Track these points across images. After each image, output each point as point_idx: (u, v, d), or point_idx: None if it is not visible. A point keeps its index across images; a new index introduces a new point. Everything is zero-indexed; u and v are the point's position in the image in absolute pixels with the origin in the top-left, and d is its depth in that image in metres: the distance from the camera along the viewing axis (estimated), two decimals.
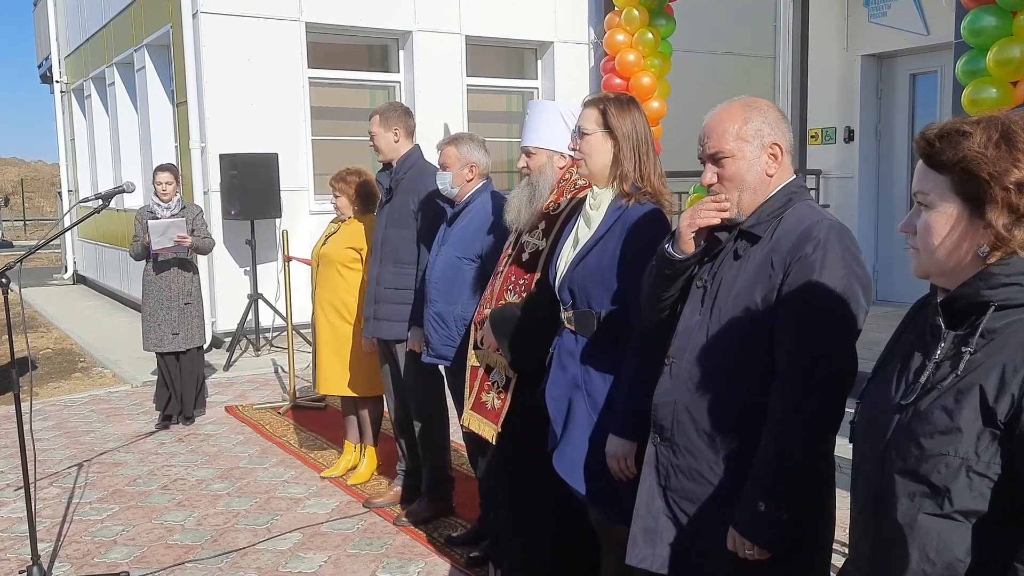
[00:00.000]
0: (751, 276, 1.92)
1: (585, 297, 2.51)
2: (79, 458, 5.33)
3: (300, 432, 5.73)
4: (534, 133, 3.00)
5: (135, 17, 10.11)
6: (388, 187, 4.10)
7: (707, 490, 1.94)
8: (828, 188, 8.60)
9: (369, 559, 3.80)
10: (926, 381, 1.38)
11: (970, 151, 1.32)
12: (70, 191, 14.05)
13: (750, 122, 1.96)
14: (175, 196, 5.76)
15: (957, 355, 1.35)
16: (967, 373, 1.32)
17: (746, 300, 1.91)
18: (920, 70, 8.09)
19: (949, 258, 1.37)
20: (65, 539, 4.11)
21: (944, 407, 1.33)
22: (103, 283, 12.58)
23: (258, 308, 8.18)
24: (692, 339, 1.99)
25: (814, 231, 1.87)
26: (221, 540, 4.05)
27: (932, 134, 1.38)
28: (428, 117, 8.90)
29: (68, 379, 7.61)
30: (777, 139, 1.97)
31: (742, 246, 1.97)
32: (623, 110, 2.51)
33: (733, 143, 1.96)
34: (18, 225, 29.57)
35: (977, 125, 1.35)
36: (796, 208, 1.95)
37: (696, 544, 1.97)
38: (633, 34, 6.75)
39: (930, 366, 1.38)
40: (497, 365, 3.02)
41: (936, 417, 1.33)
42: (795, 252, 1.86)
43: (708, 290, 1.99)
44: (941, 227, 1.37)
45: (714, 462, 1.93)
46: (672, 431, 2.00)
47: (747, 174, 1.96)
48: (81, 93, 13.01)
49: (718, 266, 2.00)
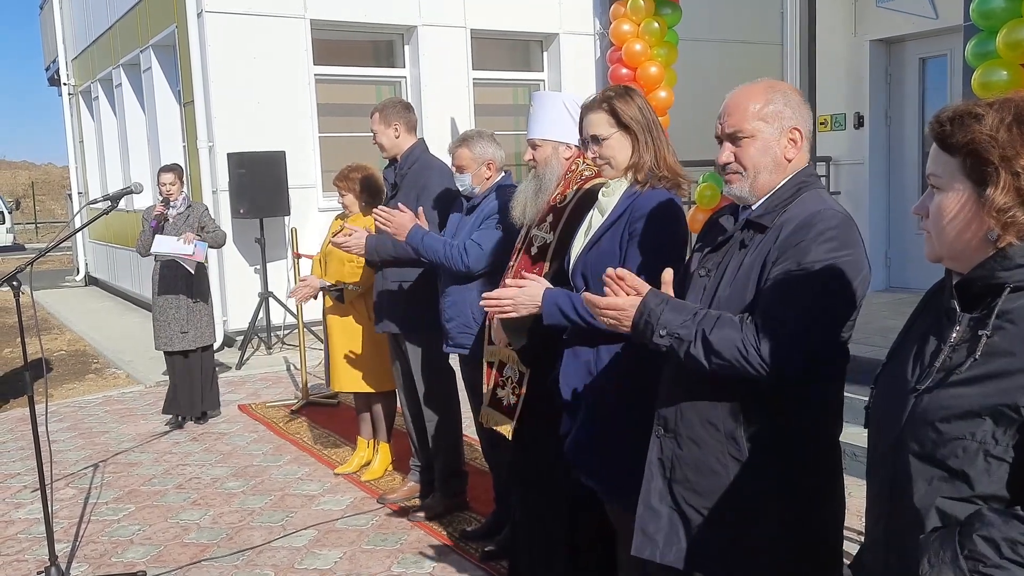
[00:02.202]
0: (750, 265, 1.89)
1: (597, 282, 2.51)
2: (94, 459, 5.36)
3: (313, 429, 5.74)
4: (538, 125, 2.98)
5: (140, 18, 10.13)
6: (393, 182, 4.10)
7: (714, 481, 1.92)
8: (838, 175, 8.54)
9: (384, 554, 3.81)
10: (942, 365, 1.37)
11: (980, 134, 1.31)
12: (80, 193, 14.11)
13: (772, 103, 1.92)
14: (180, 196, 5.78)
15: (973, 338, 1.33)
16: (983, 356, 1.31)
17: (743, 288, 1.89)
18: (930, 54, 8.02)
19: (957, 240, 1.36)
20: (82, 539, 4.14)
21: (961, 391, 1.31)
22: (115, 284, 12.64)
23: (269, 306, 8.20)
24: None
25: (813, 220, 1.83)
26: (237, 538, 4.07)
27: (945, 116, 1.37)
28: (434, 112, 8.90)
29: (82, 380, 7.66)
30: (798, 123, 1.93)
31: (748, 236, 1.94)
32: (628, 102, 2.50)
33: (753, 123, 1.92)
34: (29, 228, 29.77)
35: (991, 107, 1.34)
36: (804, 198, 1.91)
37: (703, 535, 1.95)
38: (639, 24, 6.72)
39: (946, 350, 1.37)
40: (509, 360, 3.01)
41: (953, 401, 1.32)
42: (791, 240, 1.84)
43: (711, 279, 1.97)
44: (951, 210, 1.36)
45: (720, 452, 1.91)
46: (676, 422, 1.98)
47: (764, 156, 1.93)
48: (89, 95, 13.06)
49: (723, 256, 1.97)
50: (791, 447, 1.88)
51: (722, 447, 1.91)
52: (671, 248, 2.43)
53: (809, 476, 1.89)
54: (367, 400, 4.83)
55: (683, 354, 1.85)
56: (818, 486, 1.91)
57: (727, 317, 1.84)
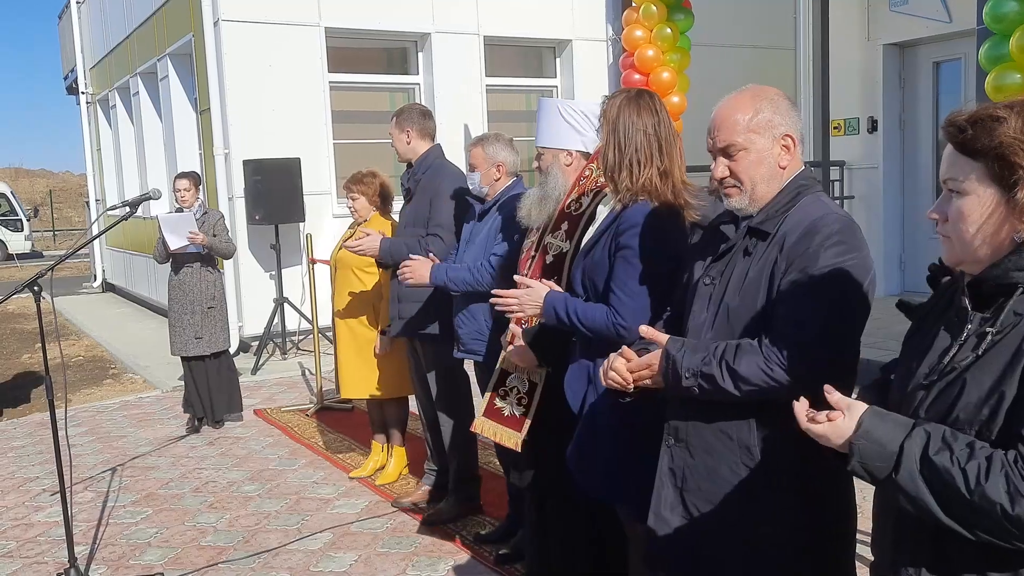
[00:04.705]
0: (757, 274, 1.88)
1: (594, 290, 2.53)
2: (112, 462, 5.41)
3: (328, 434, 5.78)
4: (540, 133, 3.02)
5: (157, 27, 10.24)
6: (407, 188, 4.14)
7: (726, 489, 1.92)
8: (852, 179, 8.52)
9: (399, 557, 3.83)
10: (950, 362, 1.38)
11: (1006, 137, 1.30)
12: (97, 200, 14.24)
13: (761, 113, 1.91)
14: (196, 202, 5.83)
15: (982, 336, 1.34)
16: (992, 353, 1.32)
17: (753, 298, 1.88)
18: (943, 58, 8.00)
19: (985, 245, 1.35)
20: (101, 542, 4.18)
21: (969, 388, 1.33)
22: (132, 290, 12.75)
23: (284, 312, 8.26)
24: (700, 336, 1.96)
25: (817, 226, 1.83)
26: (253, 541, 4.10)
27: (963, 120, 1.36)
28: (448, 118, 8.93)
29: (100, 385, 7.73)
30: (789, 130, 1.93)
31: (752, 243, 1.93)
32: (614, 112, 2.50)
33: (744, 135, 1.91)
34: (47, 235, 30.03)
35: (1011, 110, 1.33)
36: (803, 202, 1.91)
37: (717, 542, 1.95)
38: (651, 29, 6.75)
39: (955, 347, 1.39)
40: (516, 370, 3.02)
41: (958, 398, 1.33)
42: (798, 248, 1.83)
43: (716, 288, 1.96)
44: (976, 214, 1.35)
45: (733, 461, 1.91)
46: (687, 432, 1.98)
47: (760, 167, 1.92)
48: (106, 103, 13.20)
49: (726, 264, 1.96)
50: (804, 452, 1.88)
51: (735, 456, 1.91)
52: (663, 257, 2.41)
53: (823, 480, 1.87)
54: (380, 405, 4.86)
55: (714, 389, 1.86)
56: (832, 490, 1.90)
57: (745, 344, 1.85)
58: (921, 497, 1.29)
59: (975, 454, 1.26)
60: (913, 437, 1.31)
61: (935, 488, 1.28)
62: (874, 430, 1.35)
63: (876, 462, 1.33)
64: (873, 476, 1.35)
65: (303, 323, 8.33)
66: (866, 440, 1.35)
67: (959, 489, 1.25)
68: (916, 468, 1.29)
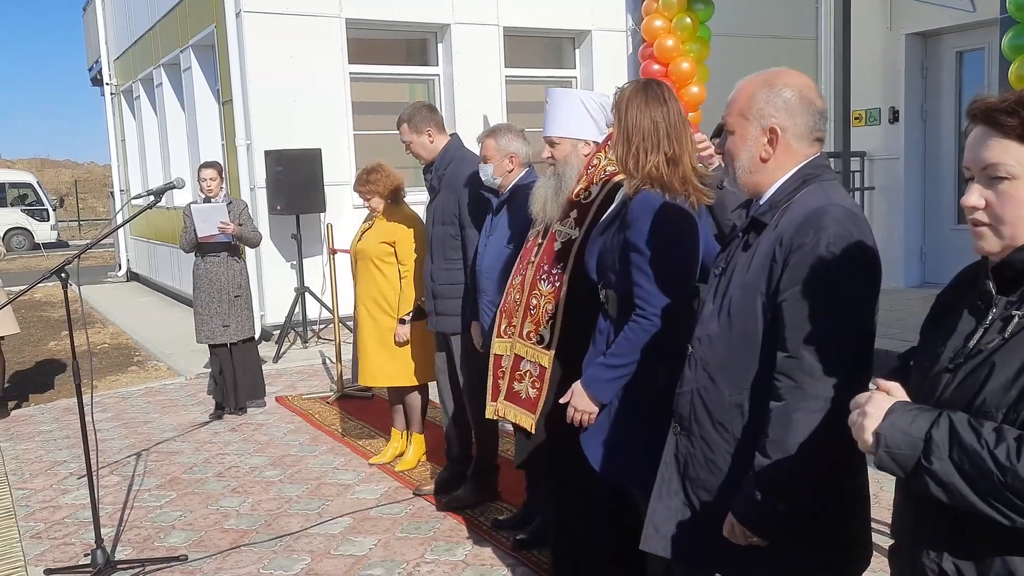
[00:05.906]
0: (757, 268, 1.85)
1: (608, 277, 2.57)
2: (137, 447, 5.52)
3: (348, 421, 5.85)
4: (556, 123, 2.99)
5: (180, 18, 10.33)
6: (431, 185, 4.16)
7: (721, 480, 1.93)
8: (873, 170, 8.46)
9: (417, 542, 3.89)
10: (975, 345, 1.38)
11: None
12: (122, 191, 14.41)
13: (755, 100, 1.88)
14: (220, 192, 5.91)
15: (1008, 319, 1.34)
16: (1018, 337, 1.32)
17: (751, 292, 1.86)
18: (966, 47, 7.93)
19: None
20: (126, 524, 4.27)
21: (997, 370, 1.32)
22: (155, 279, 12.90)
23: (305, 301, 8.34)
24: (707, 328, 1.95)
25: (815, 218, 1.77)
26: (275, 524, 4.18)
27: (1011, 104, 1.33)
28: (467, 109, 8.98)
29: (125, 372, 7.85)
30: (779, 123, 1.86)
31: (752, 236, 1.90)
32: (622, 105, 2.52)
33: (734, 118, 1.91)
34: (72, 225, 30.40)
35: None
36: (806, 192, 1.85)
37: (713, 533, 1.95)
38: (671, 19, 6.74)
39: (980, 331, 1.38)
40: (527, 355, 3.05)
41: (986, 381, 1.33)
42: (794, 241, 1.78)
43: (722, 279, 1.96)
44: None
45: (728, 453, 1.92)
46: (690, 421, 1.99)
47: (741, 153, 1.91)
48: (130, 94, 13.34)
49: (731, 255, 1.96)
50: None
51: (731, 448, 1.92)
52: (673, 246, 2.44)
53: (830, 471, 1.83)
54: (399, 393, 4.92)
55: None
56: (842, 482, 1.88)
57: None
58: (953, 483, 1.27)
59: (1004, 436, 1.25)
60: (939, 423, 1.31)
61: (965, 472, 1.26)
62: (900, 419, 1.35)
63: (903, 450, 1.32)
64: (901, 466, 1.34)
65: (323, 312, 8.41)
66: (891, 429, 1.34)
67: (991, 471, 1.24)
68: (945, 453, 1.28)
